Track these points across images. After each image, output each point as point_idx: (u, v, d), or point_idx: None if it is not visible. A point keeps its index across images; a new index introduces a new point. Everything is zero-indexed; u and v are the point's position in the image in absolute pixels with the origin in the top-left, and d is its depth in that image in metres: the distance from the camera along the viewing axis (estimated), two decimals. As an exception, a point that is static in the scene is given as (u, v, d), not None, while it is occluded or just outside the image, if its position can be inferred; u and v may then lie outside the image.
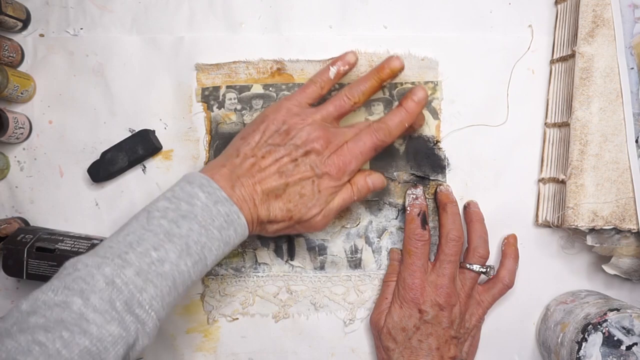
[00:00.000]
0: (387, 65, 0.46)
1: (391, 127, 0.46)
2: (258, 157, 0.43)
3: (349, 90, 0.46)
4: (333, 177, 0.44)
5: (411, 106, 0.46)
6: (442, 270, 0.48)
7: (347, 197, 0.46)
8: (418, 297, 0.47)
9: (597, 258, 0.52)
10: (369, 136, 0.45)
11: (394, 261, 0.51)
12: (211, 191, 0.41)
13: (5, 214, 0.52)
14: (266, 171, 0.43)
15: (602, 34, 0.47)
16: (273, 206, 0.43)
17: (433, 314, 0.47)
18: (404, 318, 0.48)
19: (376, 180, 0.47)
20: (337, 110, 0.46)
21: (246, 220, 0.42)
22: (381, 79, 0.46)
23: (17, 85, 0.49)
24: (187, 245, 0.39)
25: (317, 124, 0.44)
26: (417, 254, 0.48)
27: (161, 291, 0.37)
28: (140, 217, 0.40)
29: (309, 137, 0.44)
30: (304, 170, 0.43)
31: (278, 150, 0.43)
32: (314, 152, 0.44)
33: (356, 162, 0.45)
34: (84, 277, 0.35)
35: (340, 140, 0.45)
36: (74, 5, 0.52)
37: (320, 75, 0.47)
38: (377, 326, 0.49)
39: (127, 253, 0.37)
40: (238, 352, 0.52)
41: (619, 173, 0.47)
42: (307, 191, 0.43)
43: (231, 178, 0.42)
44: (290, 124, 0.44)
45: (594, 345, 0.44)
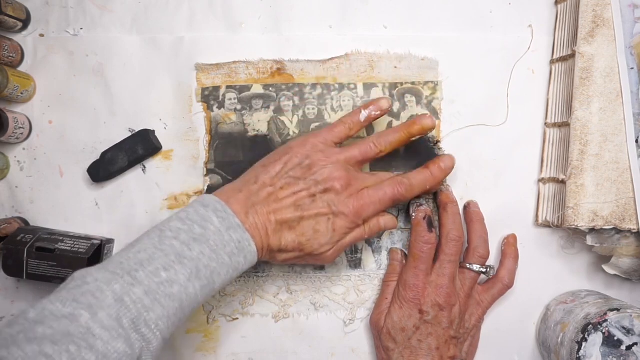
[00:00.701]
0: (420, 122, 0.47)
1: (414, 185, 0.46)
2: (276, 188, 0.44)
3: (377, 138, 0.47)
4: (349, 218, 0.44)
5: (437, 172, 0.47)
6: (443, 270, 0.48)
7: (359, 235, 0.46)
8: (419, 297, 0.47)
9: (597, 258, 0.52)
10: (391, 187, 0.46)
11: (394, 261, 0.51)
12: (225, 217, 0.41)
13: (5, 214, 0.52)
14: (283, 202, 0.43)
15: (602, 34, 0.47)
16: (285, 237, 0.43)
17: (433, 314, 0.47)
18: (403, 318, 0.48)
19: (388, 221, 0.48)
20: (361, 155, 0.46)
21: (257, 248, 0.42)
22: (410, 134, 0.47)
23: (17, 85, 0.49)
24: (197, 268, 0.39)
25: (340, 164, 0.45)
26: (422, 257, 0.48)
27: (168, 312, 0.37)
28: (152, 235, 0.40)
29: (331, 176, 0.44)
30: (321, 206, 0.44)
31: (298, 183, 0.44)
32: (334, 191, 0.44)
33: (374, 208, 0.45)
34: (93, 292, 0.35)
35: (360, 185, 0.45)
36: (74, 5, 0.52)
37: (350, 117, 0.47)
38: (377, 326, 0.49)
39: (137, 271, 0.37)
40: (238, 352, 0.52)
41: (619, 173, 0.47)
42: (321, 227, 0.44)
43: (246, 204, 0.42)
44: (313, 159, 0.45)
45: (594, 345, 0.44)
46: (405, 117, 0.52)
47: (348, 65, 0.52)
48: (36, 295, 0.52)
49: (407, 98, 0.52)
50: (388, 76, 0.53)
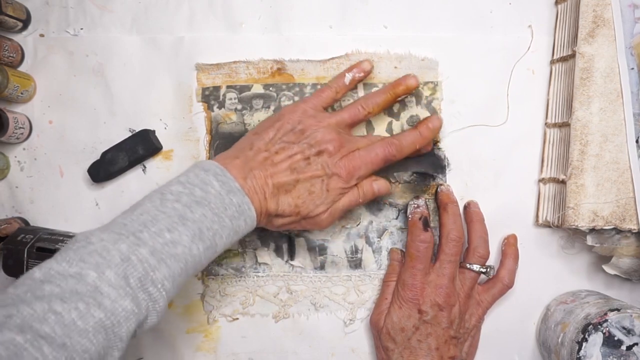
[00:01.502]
0: (404, 82, 0.49)
1: (404, 145, 0.47)
2: (271, 152, 0.44)
3: (364, 100, 0.48)
4: (342, 178, 0.45)
5: (426, 132, 0.49)
6: (442, 270, 0.48)
7: (354, 199, 0.47)
8: (418, 297, 0.47)
9: (597, 258, 0.52)
10: (381, 148, 0.47)
11: (394, 261, 0.52)
12: (225, 180, 0.41)
13: (5, 214, 0.52)
14: (278, 166, 0.44)
15: (602, 34, 0.47)
16: (282, 200, 0.44)
17: (432, 314, 0.47)
18: (403, 318, 0.48)
19: (382, 185, 0.49)
20: (351, 117, 0.48)
21: (256, 211, 0.42)
22: (396, 94, 0.49)
23: (17, 85, 0.49)
24: (199, 230, 0.39)
25: (332, 127, 0.46)
26: (419, 257, 0.48)
27: (173, 272, 0.37)
28: (153, 197, 0.40)
29: (323, 138, 0.45)
30: (315, 168, 0.45)
31: (292, 147, 0.45)
32: (327, 153, 0.45)
33: (365, 168, 0.46)
34: (100, 251, 0.36)
35: (352, 146, 0.46)
36: (74, 5, 0.52)
37: (336, 80, 0.49)
38: (377, 326, 0.49)
39: (142, 232, 0.37)
40: (238, 352, 0.52)
41: (619, 173, 0.47)
42: (316, 189, 0.44)
43: (244, 169, 0.43)
44: (305, 124, 0.46)
45: (594, 345, 0.44)
46: (405, 117, 0.52)
47: (348, 65, 0.52)
48: (36, 295, 0.52)
49: (407, 98, 0.52)
50: (388, 76, 0.52)
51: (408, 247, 0.49)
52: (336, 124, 0.47)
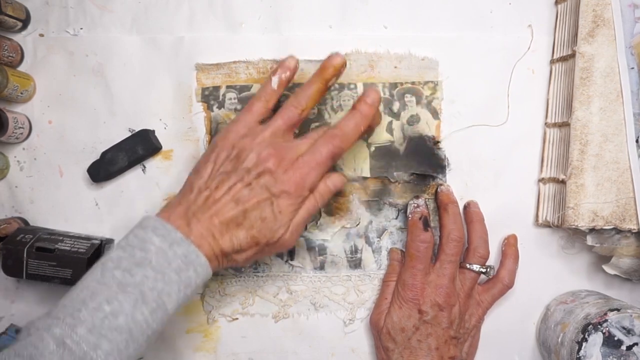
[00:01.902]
0: (329, 64, 0.45)
1: (347, 132, 0.44)
2: (212, 189, 0.42)
3: (294, 98, 0.45)
4: (292, 194, 0.42)
5: (365, 109, 0.45)
6: (443, 271, 0.48)
7: (311, 206, 0.44)
8: (418, 297, 0.47)
9: (597, 258, 0.52)
10: (324, 145, 0.43)
11: (394, 261, 0.51)
12: (165, 233, 0.39)
13: (5, 214, 0.52)
14: (221, 201, 0.41)
15: (602, 33, 0.47)
16: (236, 236, 0.41)
17: (432, 314, 0.47)
18: (403, 318, 0.48)
19: (336, 180, 0.46)
20: (285, 122, 0.44)
21: (208, 257, 0.40)
22: (326, 80, 0.45)
23: (17, 85, 0.49)
24: (141, 293, 0.37)
25: (267, 141, 0.43)
26: (419, 257, 0.48)
27: (117, 345, 0.36)
28: (95, 270, 0.39)
29: (260, 157, 0.42)
30: (260, 192, 0.42)
31: (230, 177, 0.42)
32: (267, 172, 0.42)
33: (315, 173, 0.43)
34: (34, 342, 0.34)
35: (293, 154, 0.43)
36: (74, 5, 0.52)
37: (263, 89, 0.45)
38: (377, 326, 0.49)
39: (80, 310, 0.36)
40: (238, 352, 0.52)
41: (619, 173, 0.47)
42: (267, 214, 0.42)
43: (187, 215, 0.41)
44: (239, 147, 0.43)
45: (594, 345, 0.44)
46: (406, 117, 0.52)
47: (348, 65, 0.52)
48: (36, 296, 0.52)
49: (407, 98, 0.52)
50: (388, 76, 0.53)
51: (408, 247, 0.49)
52: (272, 135, 0.43)
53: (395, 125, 0.52)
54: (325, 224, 0.52)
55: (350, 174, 0.52)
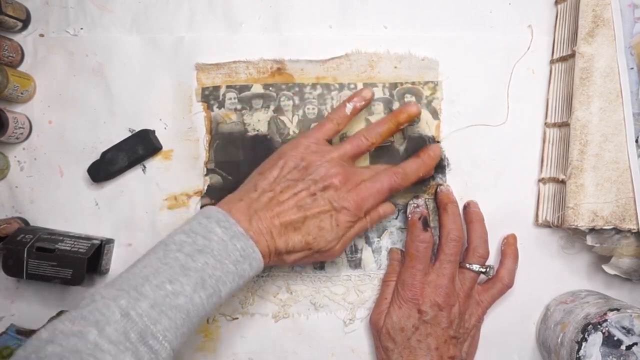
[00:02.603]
0: (405, 110, 0.49)
1: (408, 173, 0.48)
2: (276, 192, 0.44)
3: (367, 131, 0.48)
4: (351, 212, 0.45)
5: (428, 160, 0.49)
6: (442, 270, 0.48)
7: (363, 226, 0.47)
8: (417, 297, 0.48)
9: (597, 258, 0.52)
10: (387, 178, 0.47)
11: (394, 261, 0.52)
12: (228, 226, 0.41)
13: (5, 214, 0.52)
14: (284, 205, 0.44)
15: (602, 33, 0.47)
16: (292, 238, 0.44)
17: (432, 314, 0.47)
18: (402, 318, 0.48)
19: (387, 209, 0.49)
20: (354, 149, 0.48)
21: (263, 253, 0.42)
22: (398, 123, 0.49)
23: (17, 85, 0.49)
24: (202, 278, 0.39)
25: (335, 161, 0.46)
26: (418, 257, 0.48)
27: (175, 323, 0.38)
28: (157, 249, 0.41)
29: (328, 173, 0.45)
30: (323, 204, 0.44)
31: (296, 185, 0.45)
32: (333, 188, 0.45)
33: (373, 199, 0.46)
34: (100, 309, 0.36)
35: (357, 179, 0.46)
36: (74, 5, 0.52)
37: (336, 112, 0.49)
38: (376, 326, 0.49)
39: (143, 285, 0.38)
40: (238, 352, 0.52)
41: (619, 173, 0.47)
42: (325, 224, 0.44)
43: (249, 212, 0.43)
44: (308, 160, 0.45)
45: (594, 345, 0.44)
46: (405, 117, 0.52)
47: (348, 65, 0.52)
48: (36, 295, 0.52)
49: (407, 98, 0.52)
50: (388, 76, 0.53)
51: (407, 247, 0.49)
52: (339, 157, 0.46)
53: None
54: (325, 224, 0.52)
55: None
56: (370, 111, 0.52)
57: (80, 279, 0.47)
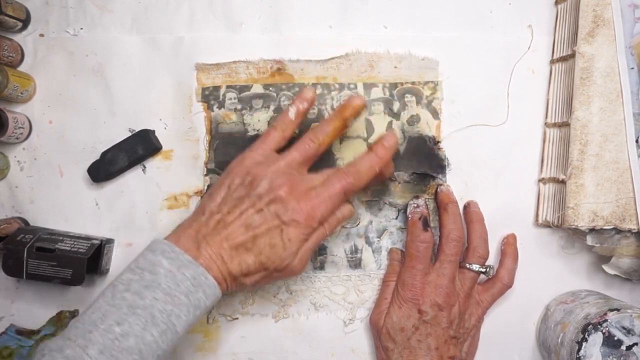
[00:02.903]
0: (349, 104, 0.46)
1: (361, 171, 0.44)
2: (224, 213, 0.43)
3: (312, 133, 0.46)
4: (302, 224, 0.42)
5: (381, 152, 0.45)
6: (442, 270, 0.48)
7: (321, 236, 0.45)
8: (417, 297, 0.47)
9: (597, 258, 0.52)
10: (338, 181, 0.44)
11: (394, 261, 0.51)
12: (174, 256, 0.40)
13: (5, 214, 0.52)
14: (232, 226, 0.42)
15: (602, 33, 0.47)
16: (245, 260, 0.42)
17: (432, 314, 0.47)
18: (402, 318, 0.48)
19: (345, 212, 0.46)
20: (301, 155, 0.45)
21: (217, 279, 0.41)
22: (344, 118, 0.46)
23: (17, 85, 0.49)
24: (151, 315, 0.38)
25: (281, 171, 0.44)
26: (418, 257, 0.48)
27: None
28: (106, 292, 0.40)
29: (272, 185, 0.43)
30: (270, 219, 0.42)
31: (243, 202, 0.43)
32: (279, 200, 0.42)
33: (325, 206, 0.43)
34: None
35: (306, 186, 0.44)
36: (74, 5, 0.52)
37: (280, 119, 0.46)
38: (377, 326, 0.49)
39: (91, 332, 0.37)
40: (238, 352, 0.52)
41: (619, 173, 0.47)
42: (276, 241, 0.42)
43: (197, 238, 0.42)
44: (253, 174, 0.43)
45: (594, 345, 0.44)
46: (406, 117, 0.52)
47: (348, 65, 0.52)
48: (36, 296, 0.52)
49: (407, 98, 0.52)
50: (388, 76, 0.53)
51: (408, 247, 0.49)
52: (287, 166, 0.44)
53: (395, 125, 0.52)
54: (325, 224, 0.52)
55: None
56: (371, 111, 0.52)
57: (80, 279, 0.47)
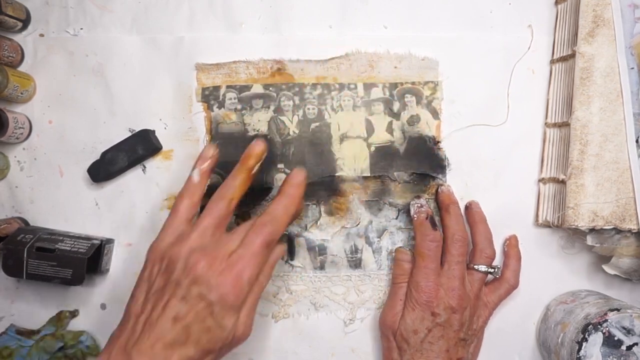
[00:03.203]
0: (250, 153, 0.44)
1: (277, 217, 0.42)
2: (148, 312, 0.38)
3: (219, 192, 0.43)
4: (230, 295, 0.38)
5: (293, 191, 0.43)
6: (452, 272, 0.47)
7: (257, 292, 0.42)
8: (432, 299, 0.47)
9: (597, 258, 0.52)
10: (256, 235, 0.40)
11: (403, 262, 0.50)
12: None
13: (5, 214, 0.52)
14: (159, 323, 0.38)
15: (602, 33, 0.47)
16: (185, 354, 0.37)
17: (445, 317, 0.47)
18: (416, 320, 0.47)
19: (278, 253, 0.44)
20: (214, 218, 0.42)
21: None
22: (249, 169, 0.44)
23: (17, 85, 0.49)
24: None
25: (195, 245, 0.40)
26: (430, 256, 0.48)
27: None
28: None
29: (188, 265, 0.39)
30: (196, 304, 0.38)
31: (164, 294, 0.39)
32: (199, 280, 0.38)
33: (251, 267, 0.39)
34: None
35: (225, 252, 0.40)
36: (74, 5, 0.52)
37: (185, 186, 0.44)
38: (392, 328, 0.48)
39: None
40: (238, 352, 0.52)
41: (619, 173, 0.47)
42: (210, 323, 0.38)
43: (127, 348, 0.37)
44: (169, 257, 0.40)
45: (594, 345, 0.44)
46: (406, 117, 0.52)
47: (348, 65, 0.52)
48: (36, 295, 0.52)
49: (407, 98, 0.52)
50: (388, 76, 0.53)
51: (418, 247, 0.49)
52: (200, 236, 0.41)
53: (395, 125, 0.52)
54: (325, 224, 0.52)
55: (351, 174, 0.52)
56: (371, 111, 0.52)
57: (80, 279, 0.47)
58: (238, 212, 0.52)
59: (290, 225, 0.52)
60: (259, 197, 0.52)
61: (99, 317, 0.52)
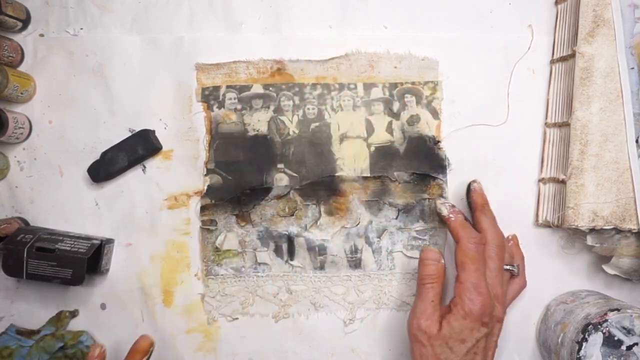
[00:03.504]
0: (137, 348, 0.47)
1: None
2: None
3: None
4: None
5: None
6: (494, 279, 0.46)
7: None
8: (485, 309, 0.44)
9: (597, 258, 0.52)
10: None
11: (431, 260, 0.47)
12: None
13: (5, 214, 0.52)
14: None
15: (602, 33, 0.47)
16: None
17: (491, 327, 0.45)
18: (465, 330, 0.44)
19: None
20: None
21: None
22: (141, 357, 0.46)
23: (17, 85, 0.49)
24: None
25: None
26: (479, 259, 0.45)
27: None
28: None
29: None
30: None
31: None
32: None
33: None
34: None
35: None
36: (74, 5, 0.52)
37: None
38: (428, 333, 0.45)
39: None
40: (238, 352, 0.52)
41: (619, 173, 0.47)
42: None
43: None
44: None
45: (594, 345, 0.44)
46: (406, 117, 0.52)
47: (348, 65, 0.52)
48: (36, 295, 0.52)
49: (407, 98, 0.52)
50: (388, 76, 0.53)
51: (465, 250, 0.45)
52: None
53: (395, 125, 0.52)
54: (325, 224, 0.52)
55: (350, 174, 0.52)
56: (371, 111, 0.52)
57: (80, 279, 0.47)
58: (238, 212, 0.52)
59: (290, 225, 0.52)
60: (258, 197, 0.52)
61: (99, 317, 0.52)
